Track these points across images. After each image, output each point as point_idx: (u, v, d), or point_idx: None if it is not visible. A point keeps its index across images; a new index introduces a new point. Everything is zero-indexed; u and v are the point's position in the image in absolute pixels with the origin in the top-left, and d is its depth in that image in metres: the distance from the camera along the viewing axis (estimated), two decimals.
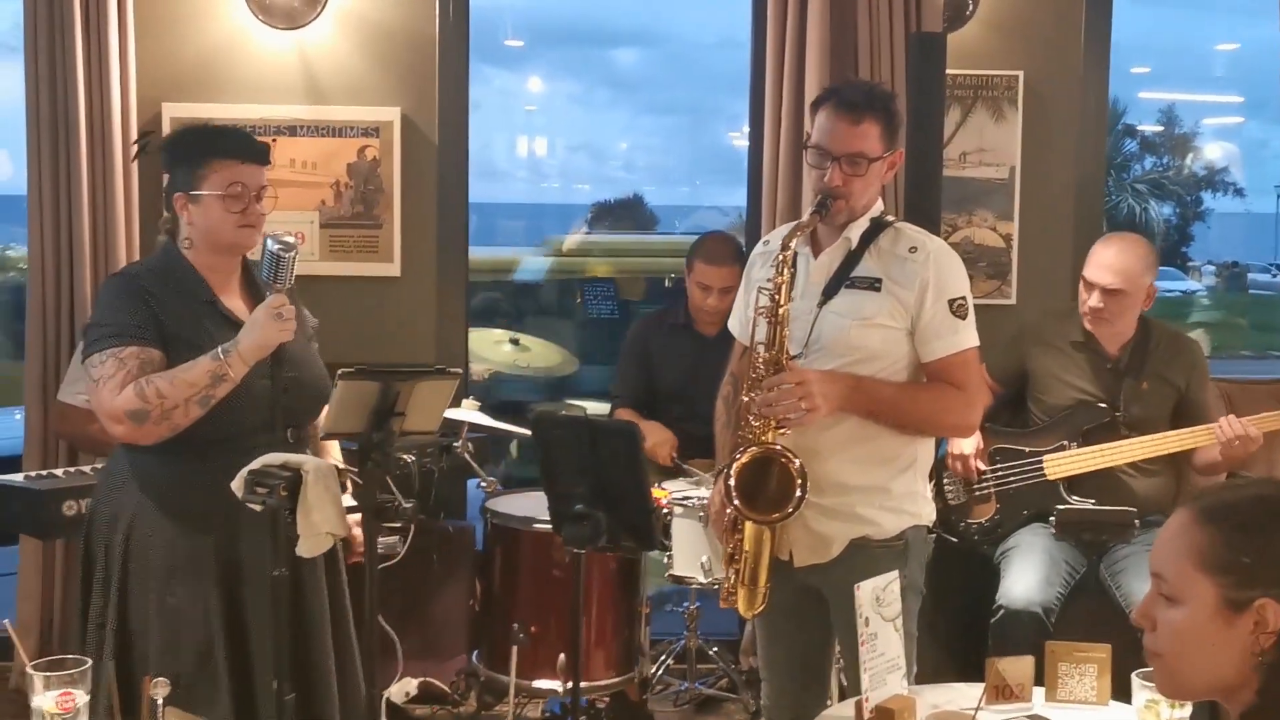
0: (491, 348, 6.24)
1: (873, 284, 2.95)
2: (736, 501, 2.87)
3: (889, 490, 2.99)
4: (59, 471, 3.93)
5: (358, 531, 3.14)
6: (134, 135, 4.64)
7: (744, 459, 2.88)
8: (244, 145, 3.05)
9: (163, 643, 2.91)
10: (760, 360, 2.92)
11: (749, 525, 2.95)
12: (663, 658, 4.64)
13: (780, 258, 2.91)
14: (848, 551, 2.97)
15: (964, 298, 2.97)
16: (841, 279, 2.97)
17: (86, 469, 3.91)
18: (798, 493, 2.82)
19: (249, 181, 2.99)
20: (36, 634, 4.64)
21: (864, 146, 2.91)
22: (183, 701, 2.55)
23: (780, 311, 2.89)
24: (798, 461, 2.83)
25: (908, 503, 3.03)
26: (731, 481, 2.87)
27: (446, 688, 4.34)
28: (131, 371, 2.86)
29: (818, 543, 2.98)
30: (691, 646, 4.55)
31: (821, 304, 2.96)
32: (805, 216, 2.97)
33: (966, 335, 2.97)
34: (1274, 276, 29.16)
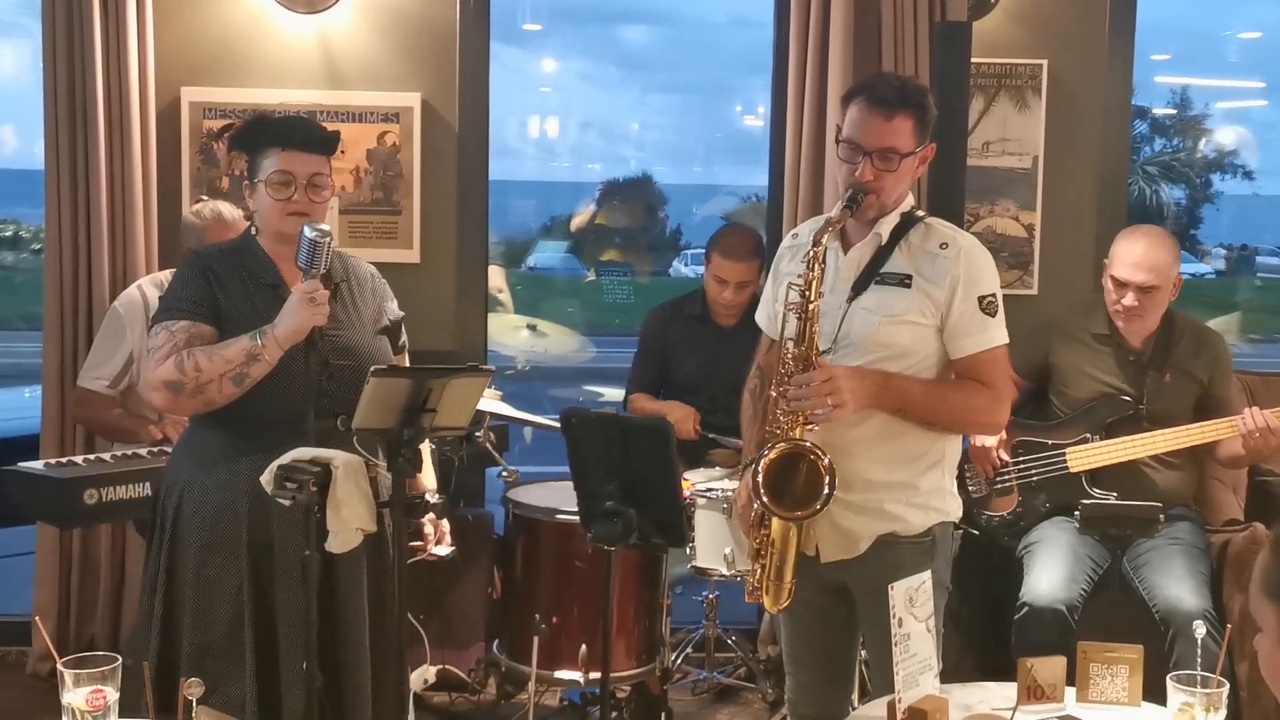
0: (509, 334, 6.22)
1: (903, 280, 2.93)
2: (764, 498, 2.86)
3: (916, 487, 2.97)
4: (79, 459, 3.85)
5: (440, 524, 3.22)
6: (153, 119, 4.64)
7: (772, 455, 2.85)
8: (292, 133, 3.09)
9: (195, 613, 2.98)
10: (789, 356, 2.90)
11: (776, 521, 2.93)
12: (681, 646, 4.64)
13: (811, 254, 2.88)
14: (875, 548, 2.96)
15: (994, 295, 2.95)
16: (871, 275, 2.95)
17: (107, 457, 3.81)
18: (826, 490, 2.80)
19: (297, 169, 3.03)
20: (54, 621, 4.64)
21: (896, 142, 2.89)
22: (208, 675, 2.55)
23: (810, 308, 2.86)
24: (827, 458, 2.81)
25: (935, 499, 3.01)
26: (759, 477, 2.85)
27: (465, 676, 4.35)
28: (178, 344, 2.94)
29: (845, 539, 2.97)
30: (710, 635, 4.55)
31: (851, 300, 2.94)
32: (835, 211, 2.93)
33: (996, 333, 2.95)
34: None
